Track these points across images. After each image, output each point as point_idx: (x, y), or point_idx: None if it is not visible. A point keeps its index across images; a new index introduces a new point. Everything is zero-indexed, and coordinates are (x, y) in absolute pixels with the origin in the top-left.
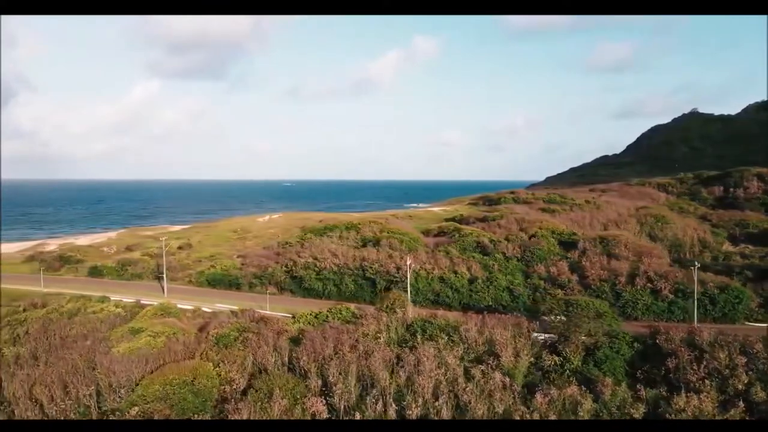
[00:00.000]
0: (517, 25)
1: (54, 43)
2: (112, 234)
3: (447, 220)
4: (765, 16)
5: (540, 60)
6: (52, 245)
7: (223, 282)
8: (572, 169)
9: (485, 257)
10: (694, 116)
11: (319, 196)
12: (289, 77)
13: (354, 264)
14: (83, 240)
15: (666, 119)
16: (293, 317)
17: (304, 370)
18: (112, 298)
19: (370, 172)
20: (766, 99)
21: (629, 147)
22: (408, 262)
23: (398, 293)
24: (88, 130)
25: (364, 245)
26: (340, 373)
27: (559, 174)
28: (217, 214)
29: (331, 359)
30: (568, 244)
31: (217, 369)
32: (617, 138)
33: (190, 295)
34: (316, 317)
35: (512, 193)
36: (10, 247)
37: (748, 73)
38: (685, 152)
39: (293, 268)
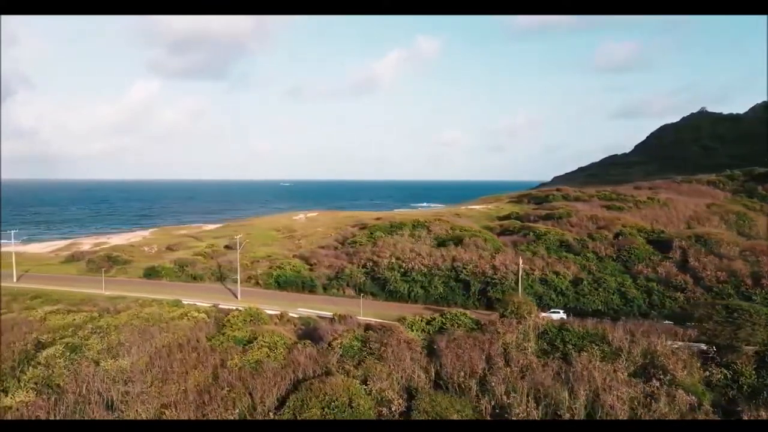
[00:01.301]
0: (518, 25)
1: (54, 43)
2: (145, 233)
3: (500, 218)
4: (765, 16)
5: (541, 60)
6: (87, 245)
7: (295, 284)
8: (580, 169)
9: (576, 257)
10: (702, 115)
11: (321, 197)
12: (290, 77)
13: (445, 265)
14: (117, 239)
15: (667, 119)
16: (401, 324)
17: (460, 387)
18: (183, 302)
19: (370, 173)
20: None
21: (637, 146)
22: (519, 263)
23: (523, 297)
24: (89, 129)
25: (441, 244)
26: (509, 392)
27: (567, 174)
28: (226, 214)
29: (486, 374)
30: (656, 242)
31: (365, 387)
32: (619, 137)
33: (262, 297)
34: (428, 324)
35: (559, 190)
36: (38, 247)
37: (748, 73)
38: (697, 151)
39: (375, 269)
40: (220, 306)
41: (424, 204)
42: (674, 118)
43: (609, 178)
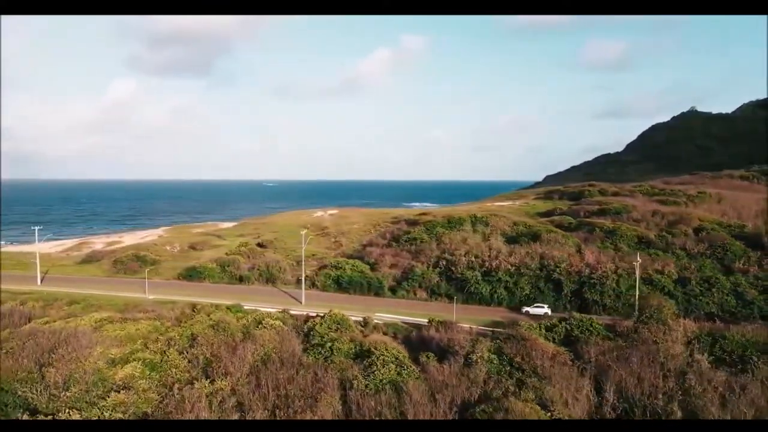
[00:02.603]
0: (510, 24)
1: (39, 40)
2: (159, 231)
3: (540, 214)
4: (754, 17)
5: (534, 59)
6: (99, 244)
7: (359, 285)
8: (574, 168)
9: (664, 254)
10: (693, 115)
11: (315, 196)
12: (278, 76)
13: (534, 264)
14: (129, 238)
15: (656, 119)
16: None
17: (653, 410)
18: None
19: (358, 172)
20: (764, 97)
21: (629, 145)
22: (638, 261)
23: (661, 299)
24: (76, 129)
25: (512, 240)
26: (725, 417)
27: (560, 173)
28: (221, 214)
29: (676, 394)
30: (740, 238)
31: (548, 413)
32: (608, 137)
33: (325, 301)
34: (549, 330)
35: (592, 185)
36: (46, 247)
37: (736, 73)
38: (693, 150)
39: (451, 268)
40: (291, 311)
41: (416, 204)
42: (663, 118)
43: (607, 177)
